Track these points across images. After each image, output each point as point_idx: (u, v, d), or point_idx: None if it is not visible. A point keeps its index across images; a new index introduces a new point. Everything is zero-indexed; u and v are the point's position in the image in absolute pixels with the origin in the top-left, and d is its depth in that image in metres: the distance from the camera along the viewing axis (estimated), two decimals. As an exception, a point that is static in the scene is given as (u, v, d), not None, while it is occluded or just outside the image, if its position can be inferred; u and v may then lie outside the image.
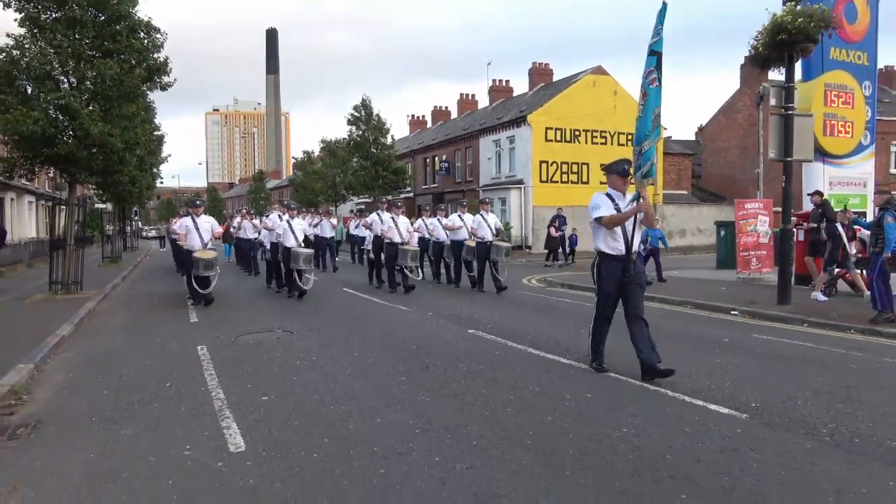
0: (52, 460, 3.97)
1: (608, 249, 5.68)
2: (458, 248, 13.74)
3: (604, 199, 5.75)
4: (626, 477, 3.51)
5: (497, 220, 13.57)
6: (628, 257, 5.62)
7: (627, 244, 5.63)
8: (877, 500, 3.18)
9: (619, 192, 5.73)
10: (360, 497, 3.31)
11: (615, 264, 5.65)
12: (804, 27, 9.25)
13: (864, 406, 4.81)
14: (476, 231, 13.06)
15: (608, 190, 5.81)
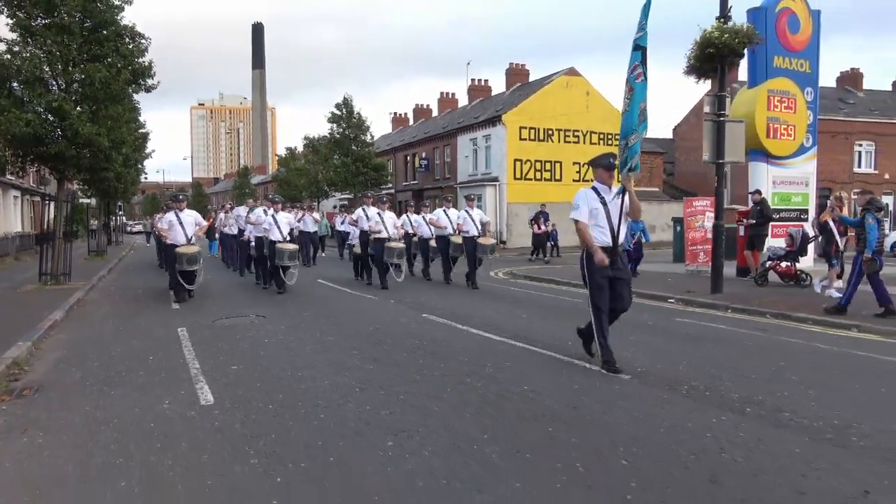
0: (55, 412, 4.85)
1: (596, 242, 5.69)
2: (443, 244, 13.80)
3: (588, 194, 5.78)
4: (512, 418, 4.47)
5: (483, 215, 13.75)
6: (615, 249, 5.70)
7: (614, 236, 5.70)
8: (696, 433, 4.15)
9: (604, 186, 5.79)
10: (302, 432, 4.24)
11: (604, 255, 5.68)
12: (729, 42, 10.25)
13: (731, 371, 5.80)
14: (462, 227, 13.15)
15: (594, 184, 5.87)
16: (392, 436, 4.14)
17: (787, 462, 3.63)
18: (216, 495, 3.31)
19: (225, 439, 4.16)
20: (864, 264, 8.67)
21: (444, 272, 14.07)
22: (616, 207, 5.71)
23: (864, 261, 8.65)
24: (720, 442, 3.95)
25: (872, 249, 8.56)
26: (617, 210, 5.71)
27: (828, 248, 10.83)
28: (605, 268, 5.61)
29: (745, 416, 4.48)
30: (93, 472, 3.65)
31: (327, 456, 3.81)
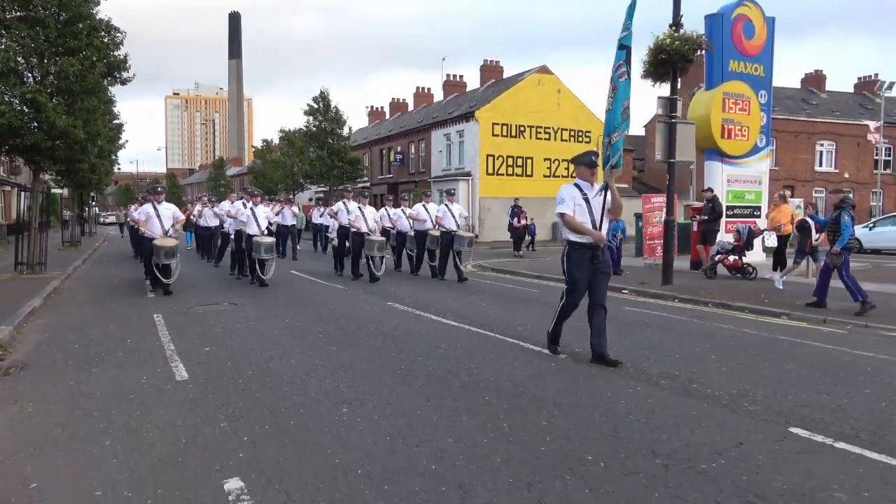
0: (40, 387, 5.31)
1: (577, 238, 5.80)
2: (421, 238, 13.90)
3: (572, 190, 5.86)
4: (456, 388, 5.06)
5: (462, 209, 13.87)
6: (596, 245, 5.80)
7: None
8: (611, 400, 4.76)
9: (587, 183, 5.86)
10: (267, 402, 4.77)
11: (584, 252, 5.81)
12: (679, 49, 10.93)
13: (658, 351, 6.46)
14: (441, 221, 13.24)
15: (577, 180, 5.95)
16: (347, 404, 4.69)
17: (681, 421, 4.26)
18: (189, 450, 3.83)
19: (198, 408, 4.67)
20: (830, 256, 8.97)
21: (415, 263, 14.24)
22: (598, 204, 5.80)
23: (832, 253, 8.92)
24: (629, 407, 4.57)
25: (843, 245, 8.82)
26: (599, 206, 5.79)
27: (802, 245, 11.17)
28: (586, 264, 5.76)
29: (658, 387, 5.12)
30: (80, 434, 4.14)
31: (288, 420, 4.35)
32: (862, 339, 7.36)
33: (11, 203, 38.64)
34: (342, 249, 13.91)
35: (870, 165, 38.92)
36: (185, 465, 3.60)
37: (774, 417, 4.36)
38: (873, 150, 38.99)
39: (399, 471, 3.46)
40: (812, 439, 3.94)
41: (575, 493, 3.18)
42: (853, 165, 38.41)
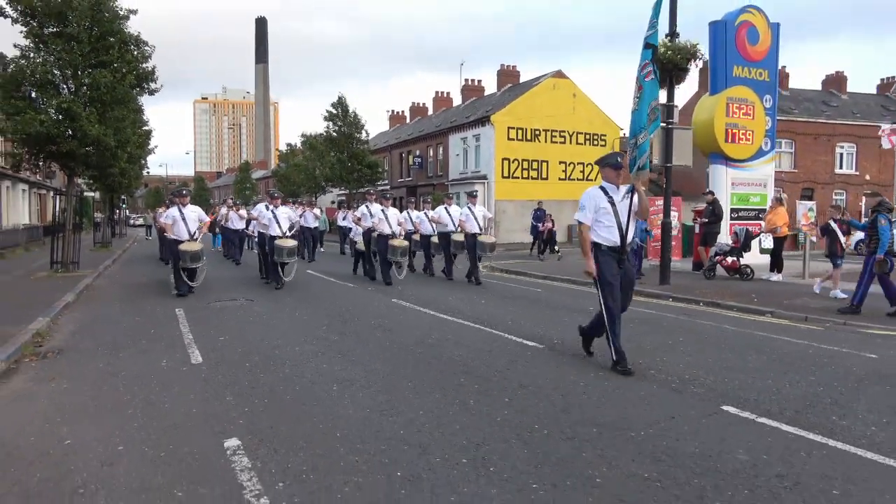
0: (74, 368, 6.04)
1: (604, 241, 5.68)
2: (444, 241, 13.81)
3: (596, 193, 5.73)
4: (435, 372, 5.66)
5: (486, 212, 13.71)
6: (623, 248, 5.69)
7: (622, 236, 5.67)
8: (572, 383, 5.32)
9: (612, 185, 5.72)
10: (269, 382, 5.42)
11: (611, 255, 5.69)
12: (673, 58, 11.40)
13: (634, 343, 6.94)
14: (464, 224, 13.12)
15: (602, 183, 5.81)
16: (338, 384, 5.33)
17: (628, 400, 4.81)
18: (197, 418, 4.49)
19: (209, 385, 5.34)
20: (876, 265, 8.80)
21: (445, 268, 14.00)
22: (625, 207, 5.66)
23: (876, 261, 8.77)
24: (587, 388, 5.13)
25: (885, 250, 8.69)
26: (626, 210, 5.65)
27: (833, 249, 10.82)
28: (613, 266, 5.65)
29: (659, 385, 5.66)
30: (107, 405, 4.84)
31: (285, 395, 5.00)
32: (833, 336, 7.78)
33: (47, 206, 40.29)
34: (368, 252, 13.80)
35: (892, 167, 38.51)
36: (193, 428, 4.26)
37: (712, 397, 4.89)
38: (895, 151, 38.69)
39: (371, 434, 4.08)
40: (739, 415, 4.47)
41: (515, 451, 3.76)
42: (875, 167, 38.07)
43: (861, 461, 3.67)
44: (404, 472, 3.47)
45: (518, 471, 3.49)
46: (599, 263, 5.71)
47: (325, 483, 3.35)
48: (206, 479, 3.43)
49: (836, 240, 10.77)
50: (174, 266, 11.22)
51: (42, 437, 4.14)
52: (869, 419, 4.41)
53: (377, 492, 3.24)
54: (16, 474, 3.53)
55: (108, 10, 14.24)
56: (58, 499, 3.21)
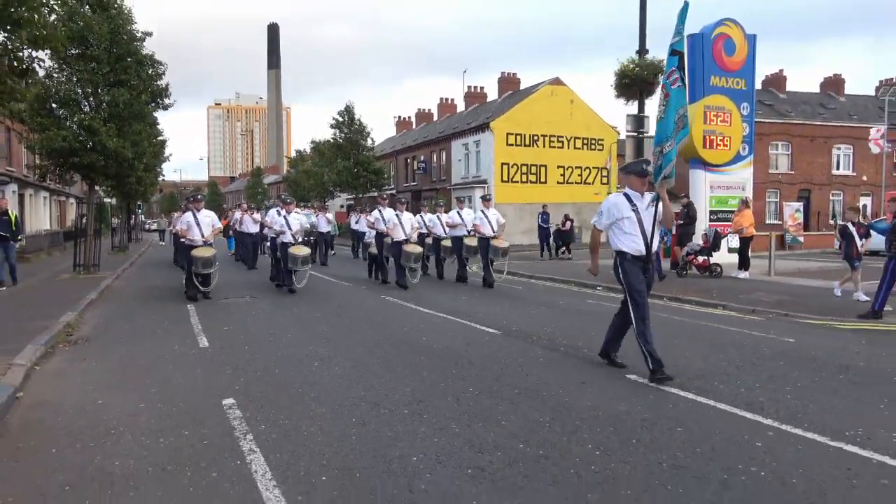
0: (100, 352, 7.16)
1: (629, 250, 5.63)
2: (457, 245, 13.81)
3: (620, 201, 5.71)
4: (404, 352, 6.72)
5: (499, 216, 13.54)
6: (648, 257, 5.67)
7: (647, 244, 5.64)
8: (513, 359, 6.35)
9: (637, 193, 5.68)
10: (262, 361, 6.50)
11: (637, 263, 5.65)
12: (640, 75, 12.42)
13: (583, 331, 7.98)
14: (479, 228, 13.10)
15: (626, 190, 5.76)
16: (318, 361, 6.41)
17: (554, 371, 5.84)
18: (202, 386, 5.57)
19: (213, 364, 6.44)
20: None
21: (458, 272, 14.07)
22: (649, 216, 5.62)
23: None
24: (524, 364, 6.17)
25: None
26: (650, 218, 5.61)
27: (849, 251, 10.72)
28: (640, 273, 5.66)
29: (557, 352, 6.69)
30: (129, 378, 5.93)
31: (274, 370, 6.08)
32: (768, 325, 8.74)
33: (66, 212, 41.92)
34: (381, 257, 13.77)
35: (890, 169, 39.10)
36: (199, 392, 5.35)
37: (625, 370, 5.91)
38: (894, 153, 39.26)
39: (337, 396, 5.15)
40: (638, 381, 5.49)
41: (447, 406, 4.81)
42: (871, 169, 38.56)
43: (714, 410, 4.69)
44: (357, 419, 4.53)
45: (445, 418, 4.54)
46: (626, 273, 5.67)
47: (296, 426, 4.42)
48: (206, 423, 4.51)
49: (853, 242, 10.61)
50: (187, 271, 11.43)
51: (79, 399, 5.24)
52: (744, 384, 5.41)
53: (334, 430, 4.30)
54: (63, 422, 4.63)
55: (126, 33, 15.46)
56: (96, 437, 4.30)
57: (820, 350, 6.96)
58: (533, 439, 4.10)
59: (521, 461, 3.75)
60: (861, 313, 9.19)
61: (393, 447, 3.99)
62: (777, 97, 39.51)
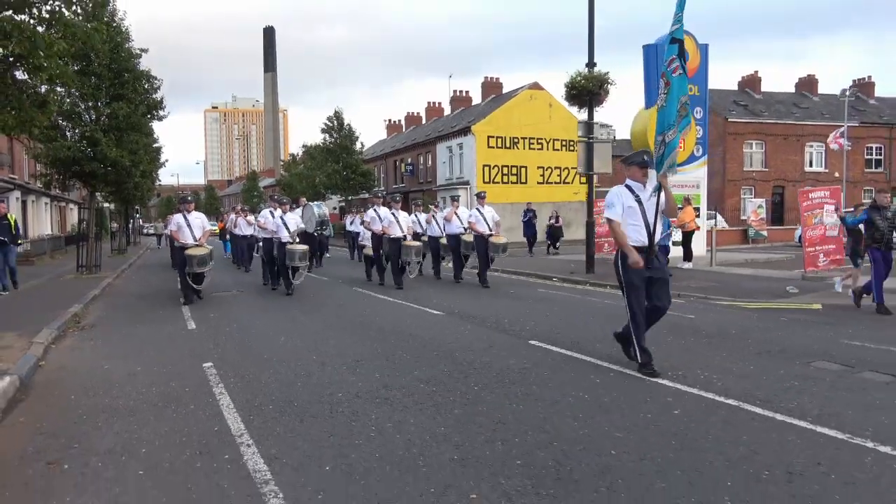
0: (105, 334, 8.51)
1: (631, 241, 5.55)
2: (454, 242, 13.78)
3: (622, 191, 5.66)
4: (360, 330, 8.09)
5: (495, 213, 13.46)
6: (651, 248, 5.56)
7: (650, 235, 5.56)
8: (464, 340, 7.70)
9: (639, 184, 5.65)
10: (239, 337, 7.86)
11: (639, 255, 5.51)
12: (586, 86, 13.76)
13: (526, 315, 9.31)
14: (475, 225, 13.06)
15: (627, 181, 5.73)
16: (285, 336, 7.77)
17: (474, 341, 7.20)
18: (188, 355, 6.92)
19: (197, 340, 7.80)
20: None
21: (454, 271, 14.16)
22: (652, 206, 5.59)
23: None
24: (451, 335, 7.54)
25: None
26: (653, 208, 5.58)
27: (857, 249, 10.48)
28: (640, 268, 5.47)
29: (500, 332, 8.00)
30: (129, 352, 7.28)
31: (249, 345, 7.44)
32: (685, 306, 10.06)
33: (66, 217, 43.25)
34: (378, 257, 13.80)
35: (861, 164, 40.55)
36: (184, 359, 6.70)
37: (528, 337, 7.29)
38: (864, 149, 40.68)
39: (294, 359, 6.51)
40: (536, 344, 6.87)
41: (379, 364, 6.18)
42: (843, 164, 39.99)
43: (579, 361, 6.07)
44: (305, 373, 5.90)
45: (372, 371, 5.91)
46: (626, 266, 5.58)
47: (256, 377, 5.78)
48: (188, 378, 5.87)
49: (861, 239, 10.21)
50: (181, 274, 11.44)
51: (89, 366, 6.59)
52: (612, 340, 6.77)
53: (285, 380, 5.67)
54: (77, 380, 5.99)
55: (124, 51, 16.80)
56: (103, 388, 5.64)
57: (708, 324, 8.31)
58: (432, 382, 5.47)
59: (417, 394, 5.12)
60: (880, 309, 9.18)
61: (326, 389, 5.35)
62: (752, 97, 40.92)
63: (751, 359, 6.24)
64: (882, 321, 8.64)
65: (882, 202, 9.40)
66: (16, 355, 6.57)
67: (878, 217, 9.26)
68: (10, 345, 7.15)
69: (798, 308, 9.81)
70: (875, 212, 9.35)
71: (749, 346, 6.87)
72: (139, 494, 3.41)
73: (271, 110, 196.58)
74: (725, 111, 38.08)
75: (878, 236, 9.23)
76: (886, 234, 9.15)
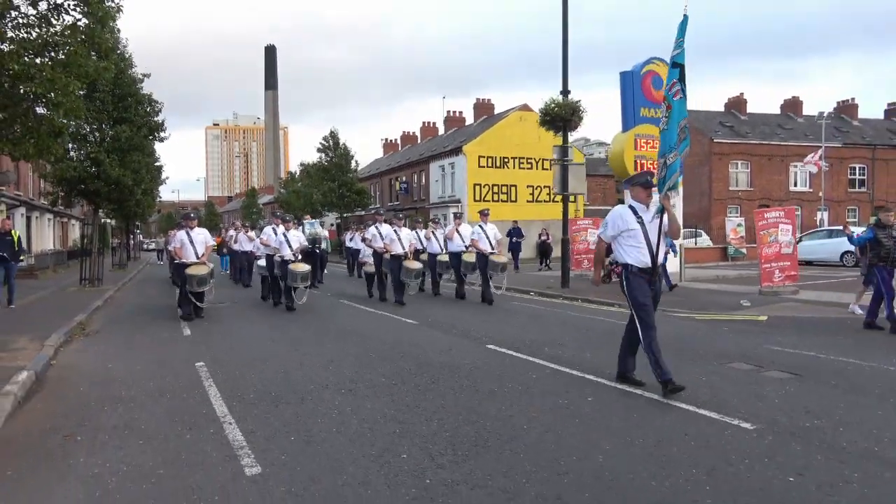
0: (108, 340, 9.36)
1: (635, 262, 5.63)
2: (455, 260, 13.71)
3: (625, 213, 5.73)
4: (339, 337, 8.95)
5: (496, 231, 13.49)
6: (654, 270, 5.62)
7: (653, 256, 5.62)
8: (433, 345, 8.57)
9: (642, 205, 5.72)
10: (230, 341, 8.73)
11: (643, 277, 5.63)
12: (559, 113, 14.75)
13: (495, 324, 10.18)
14: (477, 243, 13.00)
15: (630, 202, 5.80)
16: (271, 341, 8.64)
17: (436, 344, 8.07)
18: (182, 357, 7.78)
19: (192, 344, 8.67)
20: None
21: (456, 288, 14.11)
22: (655, 227, 5.66)
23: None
24: (420, 340, 8.41)
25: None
26: (655, 230, 5.65)
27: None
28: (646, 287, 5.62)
29: (464, 338, 8.86)
30: (129, 354, 8.14)
31: (240, 347, 8.31)
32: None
33: (68, 232, 44.21)
34: (380, 274, 13.75)
35: (845, 184, 41.61)
36: (179, 359, 7.57)
37: (487, 342, 8.15)
38: (847, 169, 41.78)
39: (276, 360, 7.37)
40: (489, 347, 7.74)
41: (350, 362, 7.04)
42: (828, 184, 40.99)
43: (524, 361, 6.94)
44: (284, 371, 6.77)
45: (343, 369, 6.77)
46: (631, 287, 5.66)
47: (242, 374, 6.65)
48: (182, 374, 6.74)
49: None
50: (181, 289, 11.45)
51: (95, 365, 7.46)
52: (564, 348, 7.64)
53: (266, 376, 6.53)
54: (84, 376, 6.85)
55: (127, 77, 17.86)
56: (108, 382, 6.49)
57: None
58: (393, 377, 6.34)
59: (378, 386, 5.99)
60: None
61: (300, 382, 6.22)
62: (738, 118, 42.08)
63: (675, 361, 7.06)
64: (818, 331, 9.49)
65: (887, 221, 9.31)
66: (30, 355, 7.44)
67: (884, 235, 9.22)
68: (25, 347, 8.03)
69: (744, 319, 10.68)
70: (880, 230, 9.29)
71: (682, 350, 7.72)
72: (139, 456, 4.27)
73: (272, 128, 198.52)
74: (711, 132, 39.18)
75: (883, 254, 9.18)
76: (893, 253, 9.11)
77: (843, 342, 8.27)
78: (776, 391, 5.68)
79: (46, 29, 7.16)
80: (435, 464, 3.97)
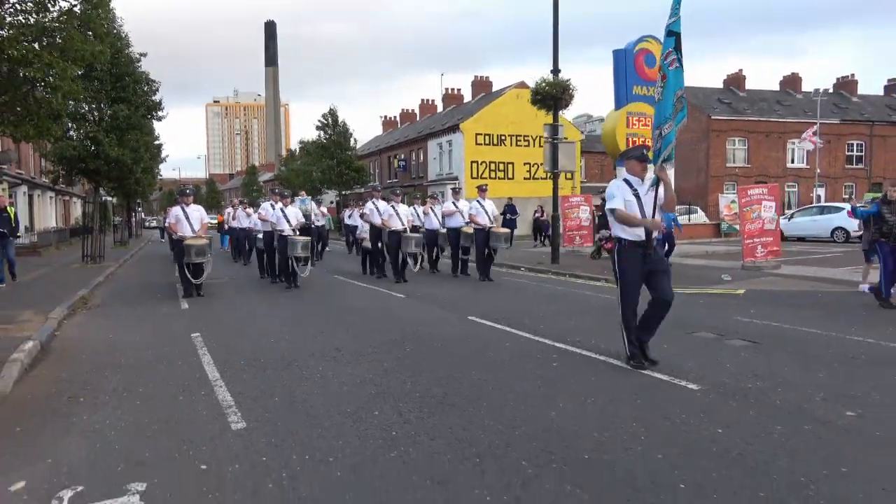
0: (109, 313, 9.79)
1: (628, 235, 5.58)
2: (454, 236, 13.80)
3: (621, 186, 5.67)
4: (331, 310, 9.36)
5: (494, 207, 13.51)
6: (649, 242, 5.55)
7: (647, 229, 5.56)
8: (425, 320, 8.98)
9: (637, 178, 5.66)
10: (226, 315, 9.14)
11: (636, 251, 5.55)
12: (550, 91, 14.98)
13: (484, 300, 10.58)
14: (475, 218, 13.11)
15: (625, 175, 5.77)
16: (266, 314, 9.05)
17: (426, 318, 8.48)
18: (179, 328, 8.20)
19: (189, 317, 9.09)
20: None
21: (452, 265, 14.16)
22: (650, 200, 5.58)
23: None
24: (421, 318, 8.82)
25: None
26: (651, 202, 5.57)
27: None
28: (638, 263, 5.53)
29: (447, 310, 9.29)
30: (130, 327, 8.57)
31: (232, 319, 8.73)
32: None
33: (70, 210, 44.63)
34: (376, 250, 13.77)
35: (842, 161, 41.71)
36: (177, 331, 7.99)
37: (471, 315, 8.55)
38: (845, 145, 41.83)
39: (268, 330, 7.80)
40: (473, 320, 8.15)
41: (338, 332, 7.46)
42: (825, 161, 41.10)
43: (502, 332, 7.34)
44: (275, 340, 7.19)
45: (331, 338, 7.19)
46: (622, 260, 5.64)
47: (235, 343, 7.07)
48: (179, 343, 7.16)
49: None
50: (180, 267, 11.48)
51: (97, 336, 7.89)
52: (542, 321, 8.04)
53: (257, 345, 6.95)
54: (87, 346, 7.28)
55: (124, 56, 18.08)
56: (109, 351, 6.92)
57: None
58: (376, 346, 6.76)
59: (361, 354, 6.40)
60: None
61: (288, 351, 6.64)
62: (736, 95, 42.06)
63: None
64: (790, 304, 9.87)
65: (893, 196, 9.01)
66: (35, 327, 7.86)
67: (888, 211, 8.98)
68: (30, 319, 8.46)
69: (722, 293, 11.06)
70: (885, 205, 9.05)
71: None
72: (136, 414, 4.70)
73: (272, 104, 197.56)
74: (709, 109, 39.22)
75: (886, 230, 8.98)
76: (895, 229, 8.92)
77: (811, 314, 8.61)
78: (731, 357, 6.08)
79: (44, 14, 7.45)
80: (402, 419, 4.38)
